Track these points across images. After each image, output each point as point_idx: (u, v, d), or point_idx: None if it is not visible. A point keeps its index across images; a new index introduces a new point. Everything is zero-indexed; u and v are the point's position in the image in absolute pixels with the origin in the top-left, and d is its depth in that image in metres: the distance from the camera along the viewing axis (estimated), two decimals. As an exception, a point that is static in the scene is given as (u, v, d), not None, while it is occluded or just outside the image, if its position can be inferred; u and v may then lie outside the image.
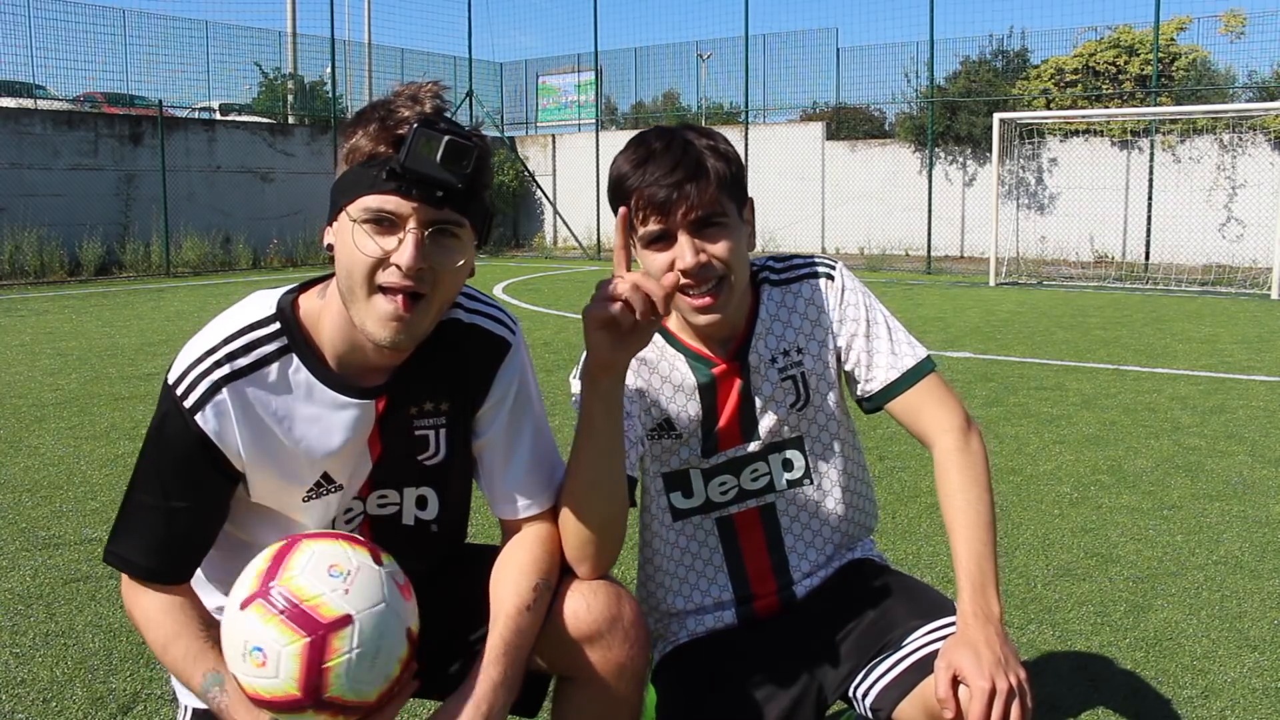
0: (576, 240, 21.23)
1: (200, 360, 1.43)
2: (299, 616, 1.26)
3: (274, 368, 1.45)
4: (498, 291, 13.47)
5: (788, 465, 1.78)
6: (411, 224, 1.35)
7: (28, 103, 17.54)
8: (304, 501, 1.51)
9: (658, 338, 1.74)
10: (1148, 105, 16.23)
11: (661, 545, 1.83)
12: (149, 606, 1.48)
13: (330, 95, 21.40)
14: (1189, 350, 8.31)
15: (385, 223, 1.35)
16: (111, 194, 16.75)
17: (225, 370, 1.42)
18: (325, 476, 1.51)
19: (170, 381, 1.44)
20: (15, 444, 5.28)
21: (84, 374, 7.25)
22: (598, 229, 20.72)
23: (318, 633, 1.25)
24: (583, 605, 1.54)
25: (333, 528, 1.55)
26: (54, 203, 15.90)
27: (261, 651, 1.25)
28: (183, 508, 1.45)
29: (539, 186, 23.07)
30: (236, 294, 1.59)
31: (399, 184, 1.33)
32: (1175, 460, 4.93)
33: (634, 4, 56.13)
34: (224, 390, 1.42)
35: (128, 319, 10.50)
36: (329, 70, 20.65)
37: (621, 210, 1.54)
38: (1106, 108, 17.14)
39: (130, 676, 2.77)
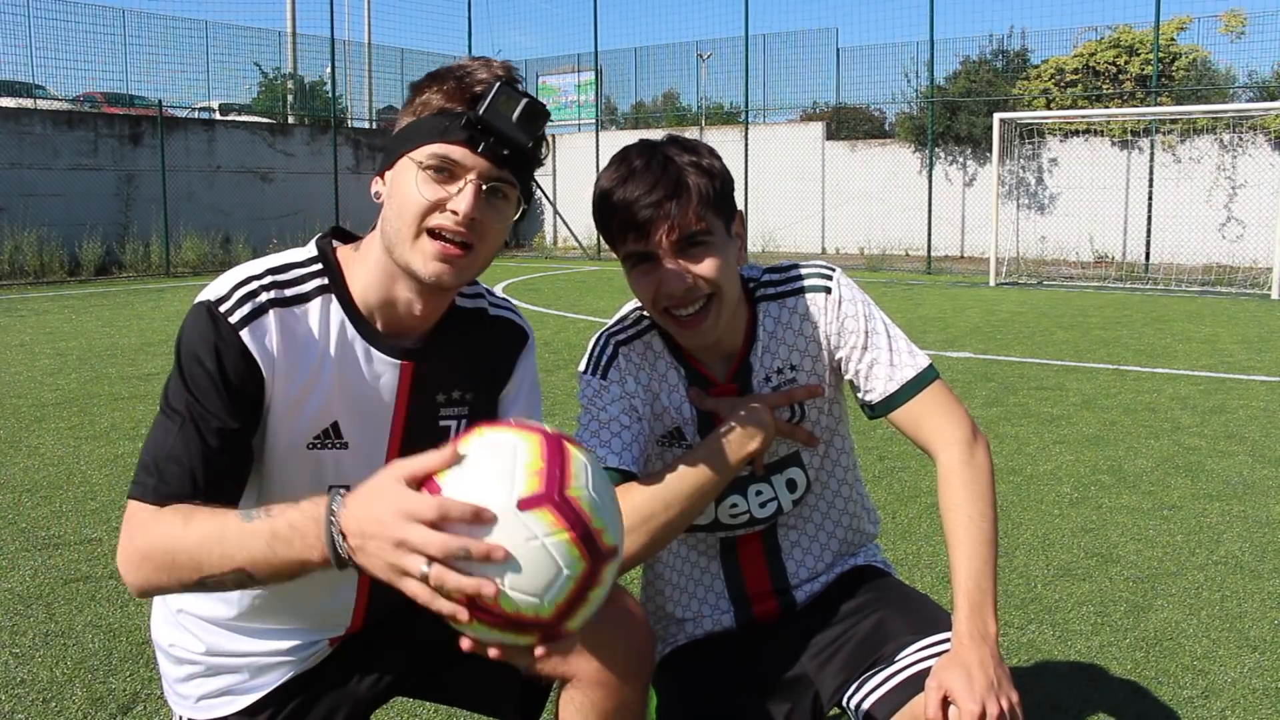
0: (576, 240, 21.22)
1: (246, 282, 1.41)
2: (588, 540, 1.15)
3: (314, 304, 1.45)
4: (497, 291, 13.46)
5: (792, 486, 1.76)
6: (472, 176, 1.39)
7: (28, 103, 17.55)
8: (308, 449, 1.46)
9: (664, 345, 1.72)
10: (1148, 105, 16.23)
11: (664, 553, 1.83)
12: (169, 526, 1.29)
13: (330, 95, 21.40)
14: (1189, 350, 8.31)
15: (446, 172, 1.39)
16: (111, 194, 16.76)
17: (272, 295, 1.41)
18: (334, 427, 1.47)
19: (211, 299, 1.39)
20: (15, 444, 5.27)
21: (84, 374, 7.25)
22: (598, 229, 20.71)
23: (598, 561, 1.16)
24: None
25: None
26: (54, 203, 15.91)
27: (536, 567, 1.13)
28: (232, 429, 1.37)
29: (539, 186, 23.03)
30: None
31: (470, 135, 1.37)
32: (1175, 460, 4.93)
33: (634, 4, 56.14)
34: (270, 313, 1.40)
35: (128, 319, 10.50)
36: (329, 70, 20.67)
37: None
38: (1106, 108, 17.14)
39: (130, 676, 2.77)
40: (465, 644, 1.15)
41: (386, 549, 1.11)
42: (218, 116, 20.55)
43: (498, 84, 1.37)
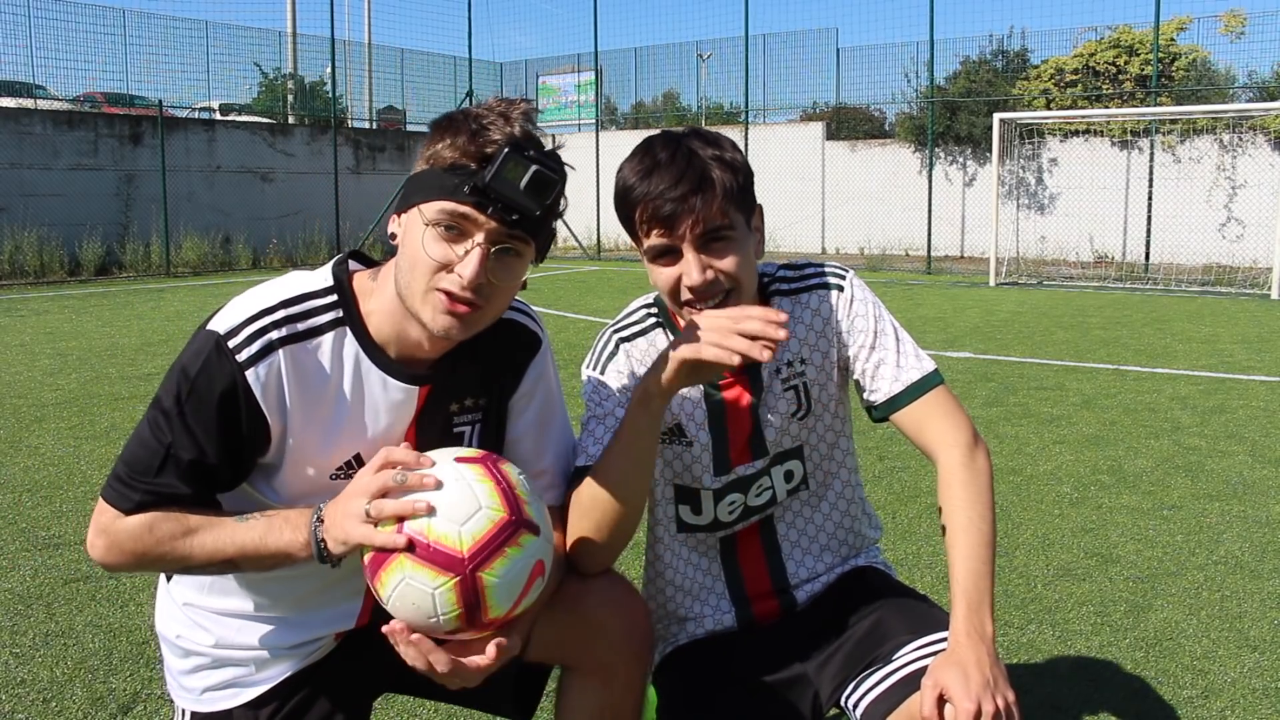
0: (576, 240, 21.22)
1: (258, 317, 1.40)
2: (510, 495, 1.31)
3: (328, 338, 1.45)
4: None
5: (789, 476, 1.77)
6: (480, 238, 1.37)
7: (28, 103, 17.54)
8: (330, 479, 1.48)
9: (669, 342, 1.72)
10: (1148, 105, 16.22)
11: (665, 551, 1.84)
12: (158, 533, 1.41)
13: (330, 95, 21.40)
14: (1189, 350, 8.31)
15: (455, 229, 1.37)
16: (111, 194, 16.75)
17: (283, 332, 1.41)
18: (357, 458, 1.49)
19: (221, 331, 1.39)
20: (15, 444, 5.28)
21: (84, 374, 7.25)
22: (598, 229, 20.70)
23: (519, 519, 1.30)
24: (592, 595, 1.54)
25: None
26: (54, 203, 15.89)
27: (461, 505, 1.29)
28: (216, 463, 1.40)
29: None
30: (236, 294, 1.56)
31: (478, 199, 1.35)
32: (1175, 460, 4.93)
33: (634, 4, 56.19)
34: (279, 351, 1.40)
35: (128, 319, 10.50)
36: (329, 70, 20.66)
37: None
38: (1106, 108, 17.15)
39: (130, 676, 2.77)
40: (386, 627, 1.29)
41: (340, 509, 1.32)
42: (218, 116, 20.55)
43: (505, 150, 1.34)
